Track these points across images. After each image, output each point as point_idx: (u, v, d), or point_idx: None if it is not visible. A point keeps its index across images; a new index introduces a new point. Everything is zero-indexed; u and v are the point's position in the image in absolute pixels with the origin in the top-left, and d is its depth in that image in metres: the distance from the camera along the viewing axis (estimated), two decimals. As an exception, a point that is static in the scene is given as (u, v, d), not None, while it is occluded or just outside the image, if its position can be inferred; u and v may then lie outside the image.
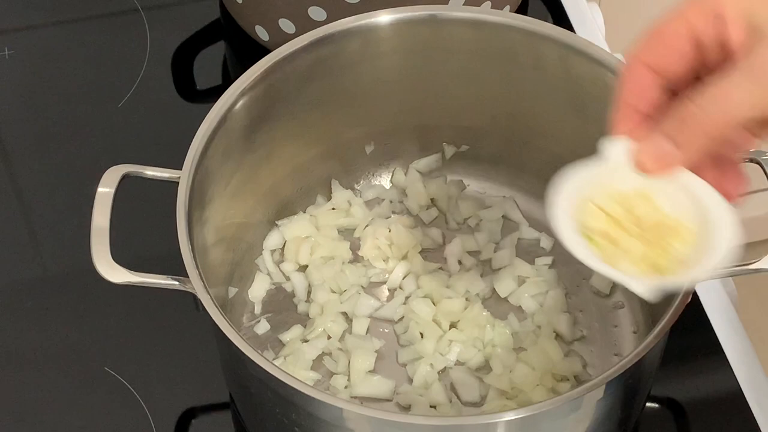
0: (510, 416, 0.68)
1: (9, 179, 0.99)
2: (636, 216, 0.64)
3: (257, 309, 0.89)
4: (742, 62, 0.59)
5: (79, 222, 0.79)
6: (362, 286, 0.89)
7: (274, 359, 0.85)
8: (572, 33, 0.86)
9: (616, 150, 0.64)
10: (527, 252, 0.91)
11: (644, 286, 0.61)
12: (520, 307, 0.88)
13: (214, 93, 0.82)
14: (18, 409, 0.86)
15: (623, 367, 0.69)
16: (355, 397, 0.83)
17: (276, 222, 0.91)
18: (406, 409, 0.83)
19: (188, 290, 0.73)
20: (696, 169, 0.63)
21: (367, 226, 0.92)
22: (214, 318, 0.71)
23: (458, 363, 0.85)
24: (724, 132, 0.60)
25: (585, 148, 0.88)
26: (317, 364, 0.85)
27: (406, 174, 0.94)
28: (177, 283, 0.75)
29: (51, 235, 0.95)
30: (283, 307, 0.89)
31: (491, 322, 0.86)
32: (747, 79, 0.59)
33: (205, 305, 0.72)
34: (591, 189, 0.64)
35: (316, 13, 0.96)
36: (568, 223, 0.63)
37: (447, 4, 0.96)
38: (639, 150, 0.63)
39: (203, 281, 0.72)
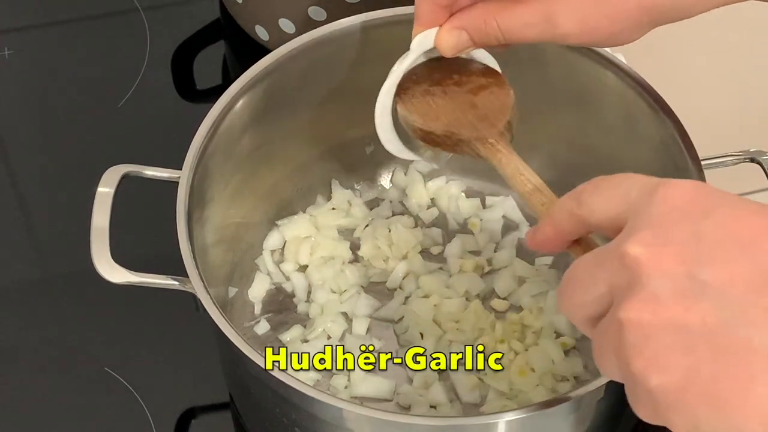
0: (510, 416, 0.68)
1: (9, 179, 0.99)
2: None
3: (257, 309, 0.89)
4: None
5: (79, 222, 0.79)
6: (362, 286, 0.89)
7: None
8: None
9: (425, 41, 0.74)
10: (527, 252, 0.91)
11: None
12: (520, 307, 0.88)
13: (214, 93, 0.82)
14: (18, 409, 0.86)
15: (623, 367, 0.68)
16: (355, 397, 0.83)
17: (276, 222, 0.91)
18: (406, 409, 0.83)
19: (188, 290, 0.73)
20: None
21: (367, 226, 0.92)
22: (214, 318, 0.71)
23: (458, 363, 0.85)
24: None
25: (585, 147, 0.88)
26: (317, 364, 0.85)
27: (406, 174, 0.94)
28: (177, 283, 0.75)
29: (51, 235, 0.95)
30: (283, 307, 0.89)
31: (491, 322, 0.86)
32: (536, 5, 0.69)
33: (205, 305, 0.71)
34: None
35: (316, 13, 0.96)
36: (386, 118, 0.76)
37: (447, 4, 0.96)
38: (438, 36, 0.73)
39: (203, 281, 0.72)
